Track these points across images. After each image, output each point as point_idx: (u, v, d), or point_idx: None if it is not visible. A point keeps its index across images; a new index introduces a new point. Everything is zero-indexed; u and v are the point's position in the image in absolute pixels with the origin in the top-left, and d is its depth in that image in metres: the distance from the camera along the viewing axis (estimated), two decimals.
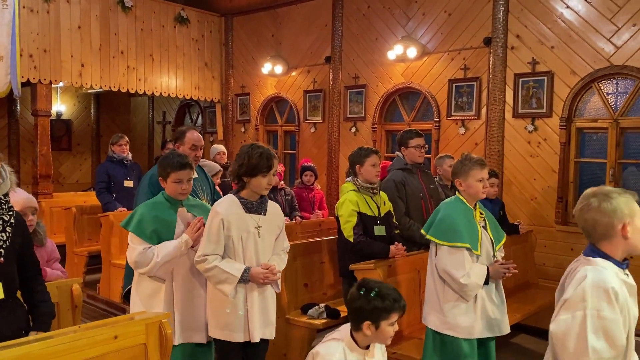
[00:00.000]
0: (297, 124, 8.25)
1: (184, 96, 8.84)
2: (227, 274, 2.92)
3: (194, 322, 3.12)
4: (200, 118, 10.39)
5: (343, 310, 4.15)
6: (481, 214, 3.29)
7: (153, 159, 10.39)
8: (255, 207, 3.03)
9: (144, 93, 8.31)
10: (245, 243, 2.98)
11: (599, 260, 2.10)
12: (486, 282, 3.13)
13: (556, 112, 5.77)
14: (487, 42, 6.16)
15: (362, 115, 7.39)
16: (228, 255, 2.98)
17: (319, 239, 4.72)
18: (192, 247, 3.08)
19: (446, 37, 6.57)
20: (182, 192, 3.13)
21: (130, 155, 6.53)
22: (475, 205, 3.26)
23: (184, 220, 3.14)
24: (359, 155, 3.95)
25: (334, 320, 4.09)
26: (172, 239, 3.06)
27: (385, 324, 2.32)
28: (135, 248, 3.04)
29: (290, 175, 8.52)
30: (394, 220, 4.07)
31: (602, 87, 5.56)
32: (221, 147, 7.30)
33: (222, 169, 6.33)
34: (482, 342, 3.23)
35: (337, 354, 2.31)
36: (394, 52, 6.80)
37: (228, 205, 3.01)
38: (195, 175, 3.88)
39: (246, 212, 2.99)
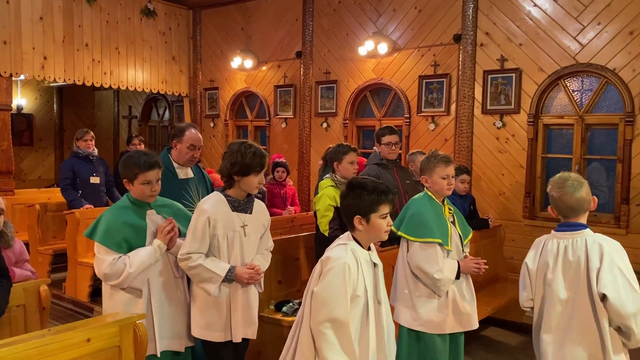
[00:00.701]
0: (267, 119, 8.19)
1: (150, 90, 8.67)
2: (212, 273, 2.86)
3: (173, 329, 2.99)
4: (167, 113, 10.22)
5: None
6: (450, 209, 3.33)
7: (119, 154, 10.15)
8: (242, 205, 2.98)
9: (110, 87, 8.10)
10: (231, 242, 2.92)
11: (588, 230, 2.59)
12: (457, 277, 3.17)
13: (524, 108, 5.88)
14: (457, 39, 6.22)
15: (334, 110, 7.38)
16: (212, 253, 2.92)
17: (292, 236, 4.69)
18: (167, 250, 2.95)
19: (416, 33, 6.61)
20: (152, 194, 2.92)
21: (96, 150, 6.37)
22: (444, 201, 3.31)
23: (154, 223, 2.94)
24: (337, 152, 3.96)
25: None
26: (144, 245, 2.87)
27: (375, 216, 2.38)
28: (105, 259, 2.79)
29: None
30: None
31: (568, 84, 5.69)
32: None
33: None
34: (452, 337, 3.27)
35: (348, 255, 2.34)
36: (365, 47, 6.81)
37: (215, 203, 2.94)
38: (191, 175, 3.77)
39: (232, 211, 2.94)
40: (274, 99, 8.05)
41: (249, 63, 8.14)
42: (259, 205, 3.10)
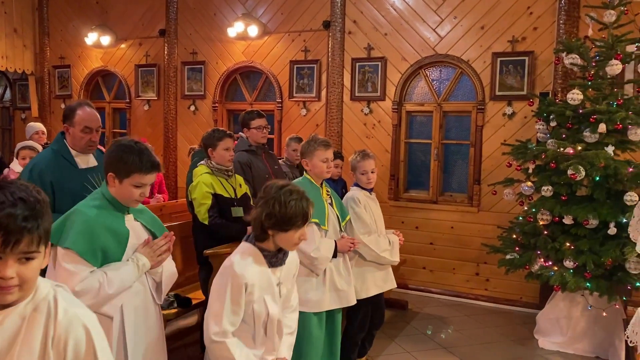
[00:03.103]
0: (128, 100, 7.66)
1: None
2: None
3: None
4: (8, 92, 9.09)
5: (195, 298, 4.01)
6: (327, 192, 3.44)
7: None
8: (279, 260, 2.33)
9: None
10: (270, 307, 2.28)
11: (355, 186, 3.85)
12: (334, 256, 3.29)
13: (389, 96, 6.16)
14: (326, 25, 6.31)
15: (202, 93, 7.11)
16: (246, 321, 2.26)
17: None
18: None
19: (287, 17, 6.59)
20: (139, 200, 2.34)
21: None
22: (322, 183, 3.42)
23: (133, 231, 2.34)
24: (212, 138, 3.80)
25: (185, 309, 3.91)
26: (120, 259, 2.25)
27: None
28: (75, 272, 2.10)
29: None
30: (252, 203, 4.00)
31: (428, 74, 6.06)
32: (39, 126, 6.46)
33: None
34: (329, 314, 3.38)
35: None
36: (234, 29, 6.63)
37: (251, 261, 2.26)
38: (94, 163, 3.16)
39: (269, 267, 2.30)
40: (134, 79, 7.55)
41: (105, 40, 7.53)
42: (291, 253, 2.44)
